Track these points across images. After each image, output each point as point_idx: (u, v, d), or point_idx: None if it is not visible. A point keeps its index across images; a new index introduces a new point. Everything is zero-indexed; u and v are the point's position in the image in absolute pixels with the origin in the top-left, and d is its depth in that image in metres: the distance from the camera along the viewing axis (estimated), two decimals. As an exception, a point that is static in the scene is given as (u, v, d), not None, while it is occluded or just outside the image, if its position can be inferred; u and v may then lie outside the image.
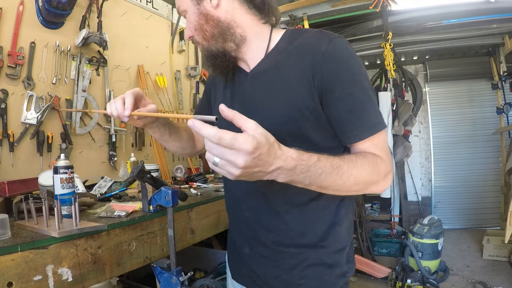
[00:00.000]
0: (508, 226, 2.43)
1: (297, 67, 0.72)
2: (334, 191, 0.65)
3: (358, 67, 0.70)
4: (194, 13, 0.77)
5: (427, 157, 4.90)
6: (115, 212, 1.14)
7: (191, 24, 0.79)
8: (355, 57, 0.71)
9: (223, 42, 0.78)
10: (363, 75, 0.71)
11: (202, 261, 2.15)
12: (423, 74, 4.81)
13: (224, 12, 0.76)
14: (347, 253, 0.82)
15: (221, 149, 0.51)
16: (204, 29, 0.77)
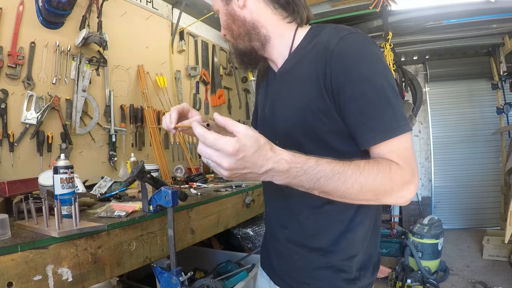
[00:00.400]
0: (508, 226, 2.43)
1: (310, 67, 0.72)
2: (339, 198, 0.62)
3: (370, 64, 0.66)
4: (223, 13, 0.83)
5: (427, 157, 4.91)
6: (115, 212, 1.14)
7: (222, 23, 0.85)
8: (368, 53, 0.67)
9: (249, 41, 0.81)
10: (377, 73, 0.65)
11: (202, 261, 2.15)
12: (423, 74, 4.81)
13: (250, 12, 0.79)
14: (359, 260, 0.78)
15: (209, 151, 0.54)
16: (231, 28, 0.82)
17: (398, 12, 3.41)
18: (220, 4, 0.83)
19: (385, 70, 0.66)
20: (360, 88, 0.64)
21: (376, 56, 0.67)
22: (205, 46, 3.45)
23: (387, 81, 0.65)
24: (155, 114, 2.62)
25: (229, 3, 0.81)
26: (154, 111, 2.59)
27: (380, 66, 0.66)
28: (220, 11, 0.84)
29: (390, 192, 0.61)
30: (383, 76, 0.65)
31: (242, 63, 0.86)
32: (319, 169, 0.59)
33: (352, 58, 0.66)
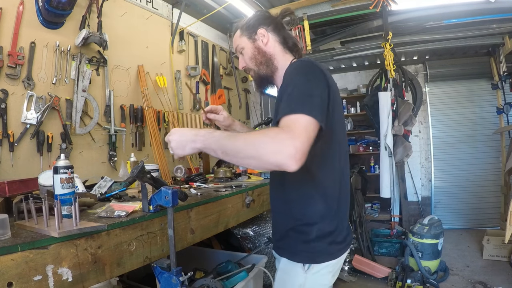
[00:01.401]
0: (508, 226, 2.43)
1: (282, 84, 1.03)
2: (234, 156, 0.84)
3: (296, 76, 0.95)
4: (250, 48, 1.15)
5: (427, 157, 4.91)
6: (115, 212, 1.14)
7: (247, 56, 1.16)
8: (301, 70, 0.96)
9: (266, 68, 1.15)
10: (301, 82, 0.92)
11: (202, 261, 2.15)
12: (423, 74, 4.81)
13: (269, 48, 1.14)
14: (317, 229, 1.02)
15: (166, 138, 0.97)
16: (256, 58, 1.15)
17: (398, 12, 3.41)
18: (247, 41, 1.15)
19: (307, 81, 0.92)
20: (286, 89, 0.91)
21: (301, 73, 0.95)
22: (205, 46, 3.45)
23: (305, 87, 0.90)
24: (155, 114, 2.62)
25: (256, 41, 1.14)
26: (154, 111, 2.59)
27: (304, 78, 0.93)
28: (246, 47, 1.16)
29: (265, 145, 0.78)
30: (303, 84, 0.91)
31: (260, 84, 1.20)
32: (219, 134, 0.87)
33: (290, 73, 0.99)
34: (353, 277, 3.11)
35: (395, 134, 3.72)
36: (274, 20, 1.16)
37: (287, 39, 1.15)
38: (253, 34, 1.14)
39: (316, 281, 1.03)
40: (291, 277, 1.05)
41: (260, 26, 1.14)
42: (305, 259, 1.02)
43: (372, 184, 4.64)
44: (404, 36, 3.89)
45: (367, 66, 5.19)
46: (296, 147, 0.74)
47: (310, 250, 1.02)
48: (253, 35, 1.14)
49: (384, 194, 3.87)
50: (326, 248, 1.03)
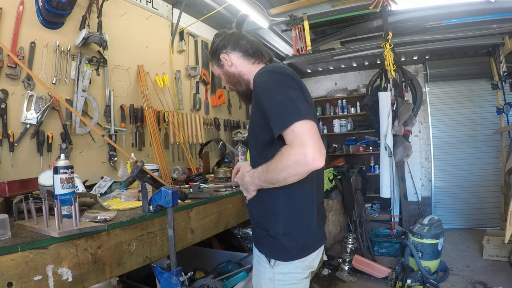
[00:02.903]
0: (508, 226, 2.43)
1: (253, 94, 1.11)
2: (275, 183, 0.99)
3: (271, 88, 1.00)
4: (222, 73, 1.26)
5: (427, 157, 4.91)
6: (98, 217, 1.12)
7: (224, 80, 1.28)
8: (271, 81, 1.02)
9: (242, 85, 1.24)
10: (276, 92, 0.98)
11: (202, 261, 2.15)
12: (423, 74, 4.81)
13: (235, 67, 1.22)
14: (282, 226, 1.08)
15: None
16: (229, 81, 1.26)
17: (398, 12, 3.41)
18: (217, 69, 1.27)
19: (281, 90, 0.98)
20: (266, 104, 0.99)
21: (274, 83, 1.01)
22: (205, 46, 3.45)
23: (281, 94, 0.96)
24: (155, 114, 2.62)
25: (223, 67, 1.24)
26: (154, 111, 2.59)
27: (278, 88, 0.99)
28: (219, 73, 1.27)
29: (291, 164, 0.91)
30: (277, 93, 0.98)
31: (245, 99, 1.29)
32: (260, 171, 1.03)
33: (261, 86, 1.03)
34: (353, 277, 3.11)
35: (395, 134, 3.72)
36: (229, 38, 1.22)
37: (248, 49, 1.20)
38: (219, 61, 1.24)
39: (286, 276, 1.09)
40: (262, 270, 1.13)
41: (220, 52, 1.22)
42: (272, 254, 1.09)
43: (372, 184, 4.64)
44: (404, 36, 3.89)
45: (367, 66, 5.19)
46: (311, 152, 0.88)
47: (276, 246, 1.07)
48: (219, 62, 1.24)
49: (384, 194, 3.87)
50: (293, 245, 1.07)
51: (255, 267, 1.18)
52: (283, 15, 3.39)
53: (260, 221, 1.13)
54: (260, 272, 1.14)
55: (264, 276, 1.11)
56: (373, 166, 4.96)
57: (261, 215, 1.13)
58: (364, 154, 5.02)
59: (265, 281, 1.11)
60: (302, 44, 3.45)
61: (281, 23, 3.52)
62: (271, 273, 1.09)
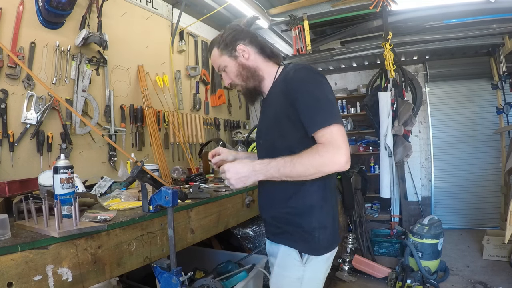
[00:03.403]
0: (508, 226, 2.43)
1: (280, 89, 1.10)
2: (298, 177, 0.98)
3: (312, 85, 1.02)
4: (234, 65, 1.18)
5: (427, 157, 4.90)
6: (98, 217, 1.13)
7: (232, 73, 1.19)
8: (312, 78, 1.03)
9: (253, 81, 1.18)
10: (316, 90, 1.01)
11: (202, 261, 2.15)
12: (423, 74, 4.81)
13: (252, 62, 1.18)
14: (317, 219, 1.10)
15: (223, 175, 1.06)
16: (242, 74, 1.18)
17: (398, 12, 3.41)
18: (229, 60, 1.18)
19: (321, 88, 1.02)
20: (304, 98, 1.01)
21: (315, 81, 1.03)
22: (205, 46, 3.45)
23: (322, 95, 1.00)
24: (155, 114, 2.62)
25: (237, 58, 1.17)
26: (154, 111, 2.59)
27: (318, 86, 1.02)
28: (229, 65, 1.18)
29: (324, 163, 0.94)
30: (318, 91, 1.01)
31: (250, 97, 1.23)
32: (276, 163, 0.99)
33: (300, 82, 1.03)
34: (353, 277, 3.11)
35: (395, 134, 3.72)
36: (248, 32, 1.20)
37: (265, 48, 1.20)
38: (233, 51, 1.17)
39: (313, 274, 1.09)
40: (289, 269, 1.09)
41: (238, 42, 1.17)
42: (306, 249, 1.07)
43: (372, 184, 4.64)
44: (404, 36, 3.88)
45: (367, 66, 5.19)
46: (344, 154, 0.94)
47: (311, 241, 1.06)
48: (234, 52, 1.17)
49: (384, 194, 3.87)
50: (327, 239, 1.08)
51: (278, 267, 1.13)
52: (283, 15, 3.39)
53: (288, 217, 1.10)
54: (285, 271, 1.10)
55: (290, 275, 1.08)
56: (373, 166, 4.96)
57: (290, 211, 1.10)
58: (364, 154, 5.02)
59: (291, 281, 1.08)
60: (302, 44, 3.45)
61: (281, 23, 3.52)
62: (301, 271, 1.07)
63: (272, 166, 0.99)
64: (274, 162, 0.99)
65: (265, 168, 1.00)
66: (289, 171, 0.97)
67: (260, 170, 1.01)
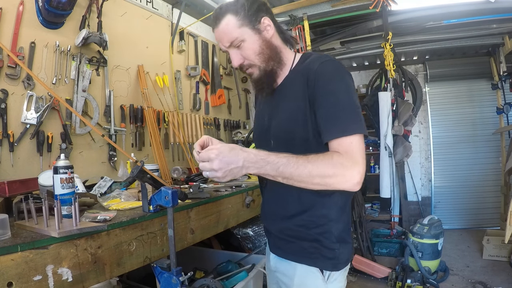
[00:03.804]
0: (508, 226, 2.43)
1: (300, 82, 0.94)
2: (299, 182, 0.81)
3: (338, 82, 0.88)
4: (256, 40, 0.96)
5: (427, 157, 4.90)
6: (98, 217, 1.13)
7: (251, 50, 0.96)
8: (339, 75, 0.89)
9: (274, 63, 0.99)
10: (342, 89, 0.87)
11: (202, 261, 2.15)
12: (423, 74, 4.81)
13: (275, 40, 0.99)
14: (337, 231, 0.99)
15: (204, 164, 0.80)
16: (264, 53, 0.97)
17: (398, 12, 3.41)
18: (251, 33, 0.95)
19: (347, 89, 0.88)
20: (326, 99, 0.87)
21: (342, 79, 0.89)
22: (205, 46, 3.45)
23: (348, 96, 0.86)
24: (155, 114, 2.62)
25: (261, 32, 0.96)
26: (154, 111, 2.59)
27: (344, 85, 0.88)
28: (248, 40, 0.95)
29: (332, 176, 0.79)
30: (344, 92, 0.87)
31: (265, 83, 1.00)
32: (278, 160, 0.80)
33: (325, 77, 0.88)
34: (353, 277, 3.11)
35: (395, 134, 3.72)
36: (268, 8, 1.01)
37: (282, 29, 1.03)
38: (257, 24, 0.95)
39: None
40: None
41: (262, 14, 0.96)
42: (328, 266, 0.95)
43: (372, 184, 4.64)
44: (404, 36, 3.88)
45: (367, 66, 5.18)
46: (360, 172, 0.80)
47: (332, 256, 0.95)
48: (256, 25, 0.95)
49: (384, 194, 3.86)
50: (348, 251, 0.98)
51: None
52: (283, 15, 3.39)
53: (303, 231, 0.96)
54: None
55: None
56: (373, 166, 4.96)
57: (306, 224, 0.96)
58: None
59: None
60: (302, 44, 3.45)
61: (281, 23, 3.52)
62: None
63: (270, 162, 0.80)
64: (274, 157, 0.80)
65: (261, 161, 0.80)
66: (289, 173, 0.79)
67: (254, 163, 0.80)
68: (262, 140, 1.07)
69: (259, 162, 0.80)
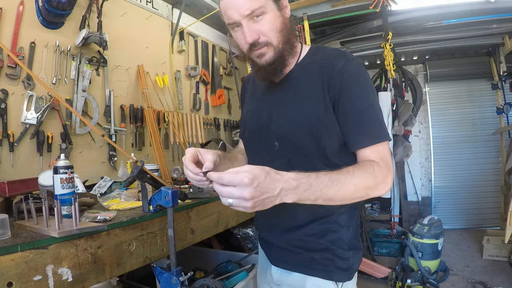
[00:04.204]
0: (508, 226, 2.43)
1: (316, 79, 0.85)
2: (340, 201, 0.72)
3: (365, 85, 0.82)
4: (278, 16, 0.84)
5: (427, 157, 4.90)
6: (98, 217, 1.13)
7: (271, 25, 0.81)
8: (364, 78, 0.84)
9: (288, 47, 0.87)
10: (369, 93, 0.82)
11: (202, 261, 2.15)
12: (423, 74, 4.81)
13: (292, 25, 0.88)
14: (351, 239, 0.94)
15: (228, 189, 0.61)
16: (284, 32, 0.84)
17: (398, 12, 3.41)
18: (273, 6, 0.82)
19: (374, 92, 0.84)
20: (355, 102, 0.80)
21: (369, 80, 0.85)
22: (205, 46, 3.45)
23: (375, 100, 0.83)
24: (155, 114, 2.62)
25: (282, 10, 0.85)
26: (154, 111, 2.59)
27: (371, 88, 0.84)
28: (270, 13, 0.82)
29: (375, 186, 0.75)
30: (372, 96, 0.83)
31: (277, 67, 0.87)
32: (320, 180, 0.68)
33: (353, 78, 0.82)
34: (353, 277, 3.11)
35: (395, 134, 3.72)
36: None
37: (291, 19, 0.92)
38: (279, 1, 0.84)
39: None
40: None
41: None
42: (343, 277, 0.90)
43: (372, 184, 4.64)
44: (404, 36, 3.88)
45: (367, 66, 5.18)
46: (392, 178, 0.79)
47: (345, 266, 0.90)
48: (279, 2, 0.84)
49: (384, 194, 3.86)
50: (360, 259, 0.94)
51: None
52: (283, 15, 3.38)
53: (313, 241, 0.90)
54: None
55: None
56: (373, 166, 4.96)
57: (316, 234, 0.90)
58: (364, 154, 5.02)
59: None
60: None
61: (281, 23, 3.52)
62: None
63: (312, 184, 0.66)
64: (314, 178, 0.67)
65: (302, 185, 0.65)
66: (332, 194, 0.68)
67: (294, 188, 0.65)
68: (258, 140, 0.95)
69: (299, 188, 0.65)
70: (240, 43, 0.86)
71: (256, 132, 0.97)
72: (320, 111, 0.83)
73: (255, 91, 1.03)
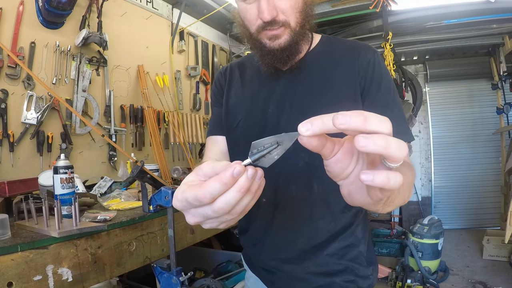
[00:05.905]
0: (508, 226, 2.43)
1: (342, 68, 0.77)
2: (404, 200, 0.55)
3: (392, 81, 0.78)
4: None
5: (427, 157, 4.90)
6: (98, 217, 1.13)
7: (293, 3, 0.69)
8: (388, 72, 0.79)
9: (305, 32, 0.75)
10: (395, 90, 0.78)
11: (202, 261, 2.15)
12: (423, 74, 4.81)
13: (312, 5, 0.76)
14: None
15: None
16: (303, 14, 0.72)
17: (398, 12, 3.41)
18: None
19: (396, 93, 0.78)
20: (386, 97, 0.75)
21: (389, 77, 0.78)
22: (205, 46, 3.45)
23: (399, 104, 0.76)
24: (155, 114, 2.62)
25: None
26: (154, 111, 2.59)
27: (394, 87, 0.78)
28: None
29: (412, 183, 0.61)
30: (396, 93, 0.78)
31: (289, 54, 0.74)
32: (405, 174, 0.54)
33: (383, 71, 0.77)
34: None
35: (395, 134, 3.71)
36: None
37: None
38: None
39: None
40: None
41: None
42: None
43: (372, 184, 4.64)
44: (404, 36, 3.88)
45: (367, 66, 5.19)
46: None
47: (367, 285, 0.82)
48: None
49: (384, 194, 3.86)
50: (377, 275, 0.88)
51: None
52: (283, 15, 3.38)
53: (337, 261, 0.77)
54: None
55: None
56: (373, 166, 4.96)
57: (336, 252, 0.77)
58: (364, 154, 5.02)
59: None
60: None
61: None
62: None
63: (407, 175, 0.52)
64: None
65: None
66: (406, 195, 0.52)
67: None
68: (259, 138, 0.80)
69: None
70: (249, 17, 0.71)
71: (257, 129, 0.80)
72: (348, 101, 0.73)
73: (247, 80, 0.86)
